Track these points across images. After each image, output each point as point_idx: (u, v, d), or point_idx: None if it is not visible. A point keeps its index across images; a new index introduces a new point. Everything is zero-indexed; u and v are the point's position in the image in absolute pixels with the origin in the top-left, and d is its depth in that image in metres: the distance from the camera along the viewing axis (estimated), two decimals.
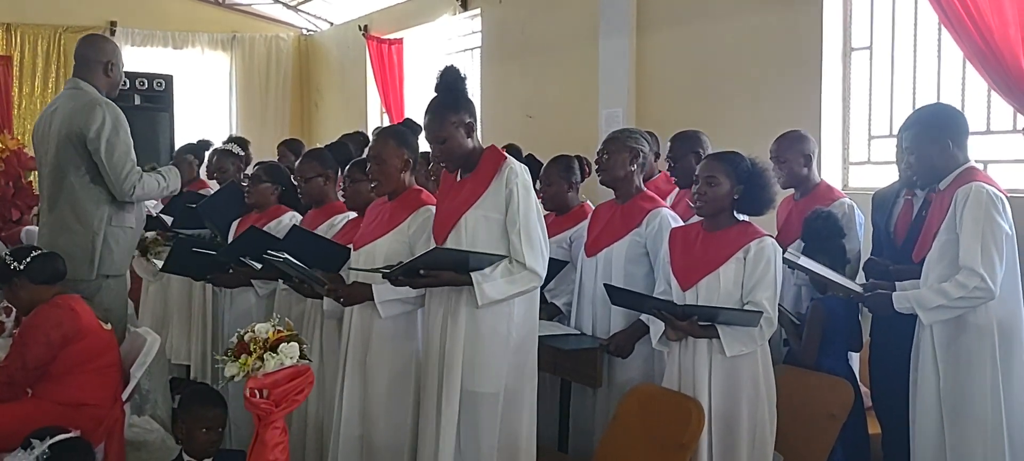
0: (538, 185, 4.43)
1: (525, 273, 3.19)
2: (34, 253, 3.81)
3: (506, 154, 3.33)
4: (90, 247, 4.08)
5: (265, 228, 4.38)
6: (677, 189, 4.64)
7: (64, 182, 4.12)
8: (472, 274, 3.16)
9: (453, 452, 3.26)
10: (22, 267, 3.73)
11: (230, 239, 4.57)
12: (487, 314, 3.22)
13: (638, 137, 3.91)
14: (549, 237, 4.13)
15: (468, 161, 3.34)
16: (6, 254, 3.83)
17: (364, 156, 3.93)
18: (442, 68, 3.43)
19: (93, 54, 4.25)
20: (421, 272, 3.22)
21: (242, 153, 5.58)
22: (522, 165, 3.32)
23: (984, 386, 3.25)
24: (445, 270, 3.21)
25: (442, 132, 3.29)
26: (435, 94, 3.38)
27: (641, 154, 3.88)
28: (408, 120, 3.89)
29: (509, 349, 3.26)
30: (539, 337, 3.66)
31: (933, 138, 3.35)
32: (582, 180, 4.34)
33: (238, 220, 4.71)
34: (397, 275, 3.24)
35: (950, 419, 3.31)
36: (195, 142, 5.97)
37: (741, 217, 3.38)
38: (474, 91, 8.07)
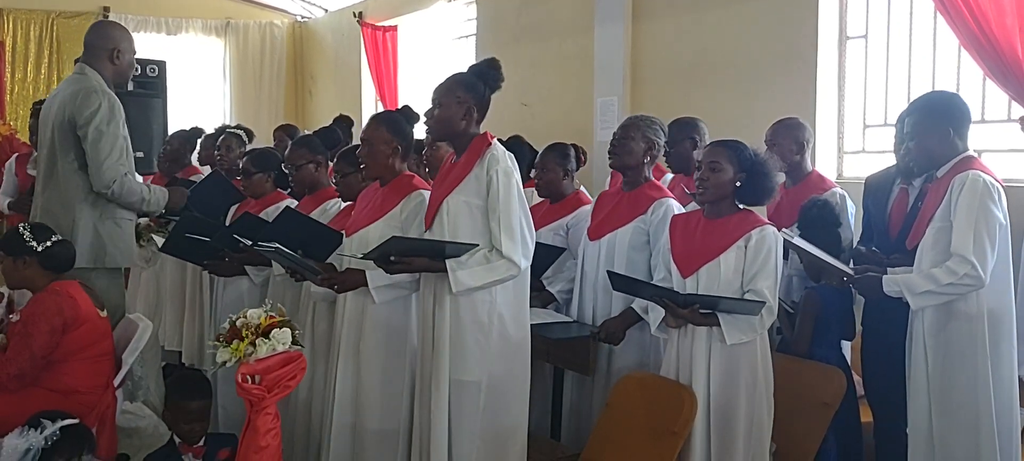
0: (533, 172, 4.43)
1: (502, 262, 3.15)
2: (55, 238, 3.74)
3: (491, 140, 3.30)
4: (70, 237, 3.94)
5: (259, 215, 4.38)
6: (667, 174, 4.65)
7: (55, 168, 4.07)
8: (447, 261, 3.15)
9: (445, 440, 3.26)
10: (40, 249, 3.68)
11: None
12: (468, 302, 3.21)
13: (657, 128, 3.89)
14: (544, 225, 4.18)
15: (459, 144, 3.33)
16: (25, 227, 3.78)
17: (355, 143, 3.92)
18: (490, 57, 3.40)
19: (99, 41, 4.14)
20: (392, 258, 3.21)
21: (247, 141, 5.60)
22: (506, 151, 3.29)
23: (973, 375, 3.25)
24: (418, 257, 3.21)
25: (443, 98, 3.30)
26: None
27: (656, 146, 3.88)
28: (405, 107, 3.88)
29: (492, 338, 3.23)
30: (533, 325, 3.65)
31: (934, 125, 3.34)
32: (577, 168, 4.33)
33: (234, 207, 4.70)
34: (371, 259, 3.24)
35: (937, 406, 3.31)
36: (189, 133, 5.96)
37: (741, 205, 3.38)
38: None
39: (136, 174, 4.17)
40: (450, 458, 3.26)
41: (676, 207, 3.81)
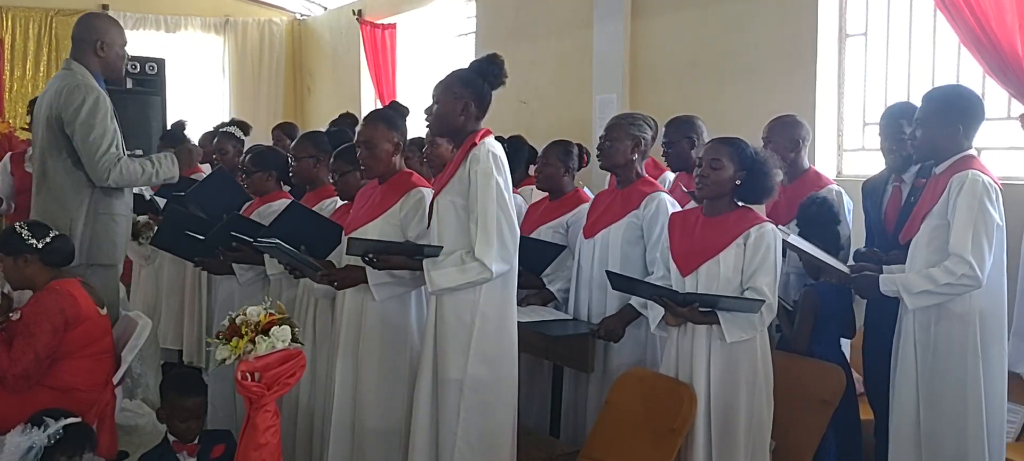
0: (534, 169, 4.44)
1: (475, 264, 3.13)
2: (53, 234, 3.76)
3: (479, 140, 3.25)
4: (68, 234, 3.95)
5: (257, 212, 4.38)
6: (667, 172, 4.66)
7: (47, 166, 4.05)
8: (424, 261, 3.16)
9: (426, 437, 3.27)
10: (40, 246, 3.69)
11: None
12: (452, 302, 3.21)
13: (641, 124, 3.90)
14: (544, 222, 4.18)
15: (458, 141, 3.33)
16: (22, 226, 3.78)
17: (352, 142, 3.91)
18: (491, 53, 3.40)
19: (83, 34, 4.10)
20: (371, 256, 3.23)
21: (243, 136, 5.57)
22: (491, 151, 3.23)
23: (962, 374, 3.25)
24: (394, 255, 3.23)
25: (441, 94, 3.29)
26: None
27: (643, 141, 3.88)
28: (395, 103, 3.88)
29: (474, 338, 3.22)
30: (531, 323, 3.66)
31: (946, 119, 3.32)
32: (579, 168, 4.33)
33: (246, 205, 4.68)
34: (353, 254, 3.27)
35: (926, 406, 3.31)
36: (171, 128, 5.89)
37: (740, 203, 3.38)
38: None
39: (137, 159, 4.12)
40: (437, 457, 3.27)
41: (669, 201, 3.82)
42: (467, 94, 3.27)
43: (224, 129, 5.62)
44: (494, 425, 3.29)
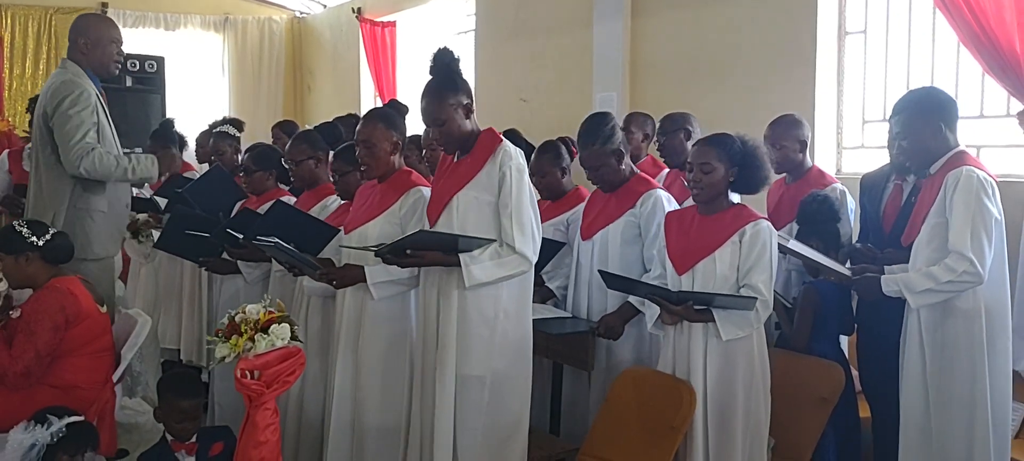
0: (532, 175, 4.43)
1: (514, 257, 3.17)
2: (53, 231, 3.76)
3: (502, 137, 3.31)
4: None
5: (258, 210, 4.38)
6: (665, 170, 4.65)
7: (38, 161, 4.12)
8: (460, 255, 3.15)
9: (450, 435, 3.26)
10: (41, 244, 3.69)
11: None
12: (474, 297, 3.21)
13: (608, 134, 3.82)
14: (545, 220, 4.17)
15: (466, 143, 3.32)
16: (21, 224, 3.78)
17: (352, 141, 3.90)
18: (436, 50, 3.39)
19: (72, 33, 4.19)
20: (408, 252, 3.21)
21: (238, 134, 5.56)
22: (517, 149, 3.29)
23: (970, 370, 3.26)
24: (432, 250, 3.21)
25: (441, 114, 3.27)
26: (431, 77, 3.34)
27: (622, 146, 3.87)
28: (394, 102, 3.87)
29: (496, 333, 3.24)
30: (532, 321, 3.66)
31: (925, 121, 3.35)
32: (571, 160, 4.33)
33: (239, 203, 4.69)
34: (385, 253, 3.24)
35: (935, 402, 3.32)
36: (160, 127, 5.87)
37: (735, 199, 3.38)
38: (468, 74, 8.04)
39: (114, 153, 4.10)
40: (454, 453, 3.27)
41: (666, 197, 3.83)
42: (458, 98, 3.28)
43: (218, 129, 5.61)
44: (512, 419, 3.32)
